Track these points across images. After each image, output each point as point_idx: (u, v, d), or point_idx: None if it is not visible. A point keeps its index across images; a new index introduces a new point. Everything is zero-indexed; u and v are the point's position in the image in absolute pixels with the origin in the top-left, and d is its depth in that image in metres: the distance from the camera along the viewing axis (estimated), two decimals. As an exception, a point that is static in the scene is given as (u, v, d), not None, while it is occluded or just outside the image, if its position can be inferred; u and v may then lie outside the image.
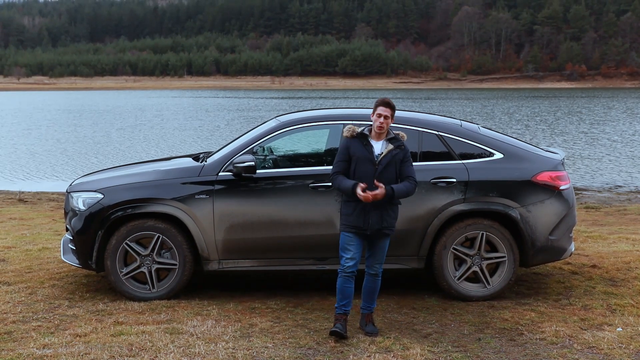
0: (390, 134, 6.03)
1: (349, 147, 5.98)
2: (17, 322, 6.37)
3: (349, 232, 5.96)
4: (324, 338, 5.98)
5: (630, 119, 43.55)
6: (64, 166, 23.36)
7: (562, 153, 7.68)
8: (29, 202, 15.08)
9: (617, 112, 50.20)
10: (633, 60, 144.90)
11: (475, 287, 7.08)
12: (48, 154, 26.51)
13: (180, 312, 6.63)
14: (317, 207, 6.88)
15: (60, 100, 78.71)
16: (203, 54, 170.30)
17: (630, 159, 24.08)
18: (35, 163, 24.03)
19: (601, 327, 6.25)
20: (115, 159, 24.49)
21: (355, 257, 5.97)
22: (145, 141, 31.03)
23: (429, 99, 78.26)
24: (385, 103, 5.95)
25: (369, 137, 5.99)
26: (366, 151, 5.93)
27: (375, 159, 5.92)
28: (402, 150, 5.99)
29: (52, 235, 10.52)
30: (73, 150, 27.77)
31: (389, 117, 5.94)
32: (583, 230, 10.94)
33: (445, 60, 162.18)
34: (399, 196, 5.95)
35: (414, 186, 6.01)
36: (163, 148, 27.82)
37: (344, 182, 5.92)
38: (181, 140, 31.27)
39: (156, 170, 7.35)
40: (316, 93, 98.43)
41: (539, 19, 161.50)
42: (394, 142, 5.99)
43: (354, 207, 5.92)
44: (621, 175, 20.66)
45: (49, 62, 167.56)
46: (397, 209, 6.06)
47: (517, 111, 51.97)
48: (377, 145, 5.99)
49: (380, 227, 5.93)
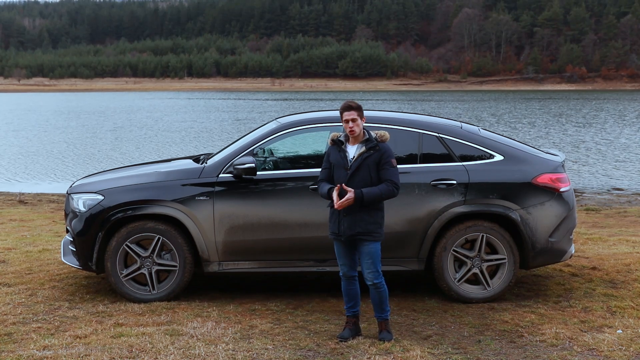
0: (366, 136, 5.91)
1: (329, 154, 6.01)
2: (17, 323, 6.37)
3: (333, 239, 6.00)
4: (324, 340, 5.97)
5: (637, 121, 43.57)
6: (54, 168, 23.36)
7: (562, 155, 7.68)
8: (29, 204, 15.08)
9: (620, 115, 50.21)
10: (633, 63, 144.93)
11: (476, 289, 7.08)
12: (34, 155, 26.49)
13: (180, 313, 6.63)
14: (317, 209, 6.87)
15: (53, 101, 78.65)
16: (203, 56, 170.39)
17: (630, 162, 24.08)
18: (26, 164, 24.04)
19: (601, 329, 6.25)
20: (101, 161, 24.47)
21: (347, 263, 5.96)
22: (128, 142, 31.19)
23: (424, 100, 78.31)
24: (348, 107, 5.87)
25: (345, 143, 5.96)
26: (340, 157, 5.91)
27: (347, 164, 5.87)
28: (378, 151, 5.82)
29: (52, 236, 10.52)
30: (58, 151, 27.75)
31: (357, 118, 5.84)
32: (583, 232, 10.94)
33: (445, 62, 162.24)
34: (370, 200, 5.73)
35: (392, 189, 5.79)
36: (149, 150, 27.91)
37: (322, 188, 5.94)
38: (168, 141, 31.44)
39: (156, 172, 7.34)
40: (316, 95, 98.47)
41: (539, 21, 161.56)
42: (367, 144, 5.85)
43: (331, 212, 5.94)
44: (621, 177, 20.66)
45: (50, 63, 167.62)
46: (378, 214, 5.85)
47: (507, 113, 51.95)
48: (352, 149, 5.92)
49: (352, 233, 5.81)
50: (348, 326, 6.06)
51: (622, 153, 26.46)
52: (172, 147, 28.50)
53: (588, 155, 25.77)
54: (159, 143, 30.65)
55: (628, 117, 46.89)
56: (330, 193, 5.82)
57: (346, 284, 6.01)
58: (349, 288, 6.02)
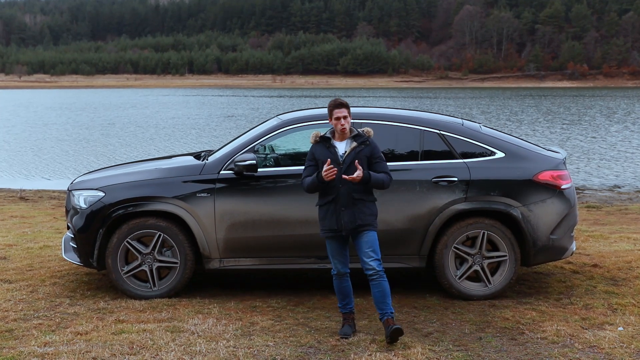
0: (354, 132, 6.00)
1: (314, 152, 6.01)
2: (18, 320, 6.37)
3: (327, 237, 5.98)
4: (325, 337, 5.98)
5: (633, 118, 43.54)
6: (53, 164, 23.38)
7: (563, 152, 7.66)
8: (30, 200, 15.09)
9: (623, 112, 50.16)
10: (635, 60, 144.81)
11: (477, 286, 7.07)
12: (31, 151, 26.51)
13: (181, 310, 6.64)
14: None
15: (49, 98, 78.60)
16: (204, 53, 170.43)
17: (632, 159, 24.06)
18: (26, 161, 24.05)
19: (602, 327, 6.24)
20: (99, 157, 24.50)
21: (341, 261, 5.98)
22: (121, 138, 31.27)
23: (419, 97, 78.27)
24: (339, 104, 5.95)
25: (331, 140, 6.00)
26: (330, 153, 5.93)
27: (339, 159, 5.91)
28: (368, 146, 5.94)
29: (53, 233, 10.53)
30: (50, 148, 27.80)
31: (347, 115, 5.94)
32: (584, 229, 10.93)
33: (446, 59, 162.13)
34: (376, 182, 5.87)
35: (389, 180, 5.98)
36: (135, 147, 27.98)
37: (307, 179, 5.95)
38: (155, 138, 31.56)
39: (157, 169, 7.34)
40: (317, 92, 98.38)
41: (541, 18, 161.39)
42: (357, 139, 5.95)
43: (325, 210, 5.93)
44: (623, 174, 20.64)
45: (51, 60, 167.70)
46: (374, 206, 5.97)
47: (500, 111, 51.94)
48: (341, 145, 5.98)
49: (354, 227, 5.86)
50: (347, 322, 6.07)
51: (623, 150, 26.42)
52: (161, 144, 28.54)
53: (589, 152, 25.74)
54: (146, 139, 30.73)
55: (634, 115, 46.81)
56: (319, 177, 5.82)
57: (340, 281, 6.03)
58: (342, 286, 6.04)
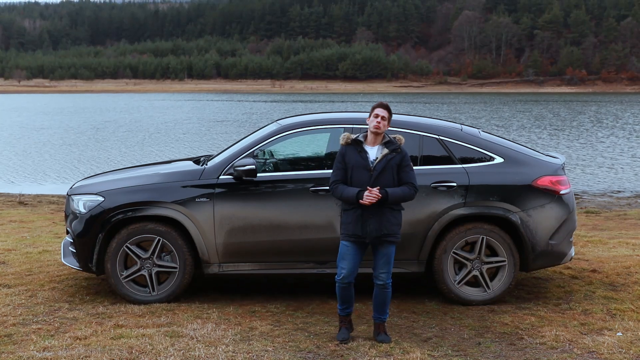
0: (386, 138, 5.97)
1: (344, 154, 5.96)
2: (17, 324, 6.37)
3: (347, 241, 5.93)
4: (324, 341, 5.97)
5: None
6: (50, 169, 23.38)
7: (562, 157, 7.68)
8: (29, 205, 15.09)
9: (623, 118, 50.23)
10: (633, 65, 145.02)
11: (476, 291, 7.08)
12: (32, 156, 26.53)
13: (180, 315, 6.63)
14: (317, 211, 6.88)
15: (48, 102, 78.59)
16: (204, 57, 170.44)
17: (630, 165, 24.08)
18: (26, 165, 24.05)
19: (601, 332, 6.25)
20: (99, 162, 24.50)
21: (351, 268, 5.91)
22: (117, 143, 31.32)
23: (412, 102, 78.31)
24: (383, 105, 5.94)
25: (363, 144, 5.97)
26: (360, 158, 5.89)
27: (370, 165, 5.88)
28: (399, 153, 5.91)
29: (52, 237, 10.52)
30: (48, 152, 27.81)
31: (386, 118, 5.90)
32: (583, 234, 10.94)
33: (445, 65, 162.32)
34: (394, 200, 5.83)
35: (413, 192, 5.92)
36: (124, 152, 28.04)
37: (346, 191, 5.85)
38: (142, 142, 31.58)
39: (157, 174, 7.34)
40: (315, 97, 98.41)
41: (540, 24, 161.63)
42: (389, 146, 5.91)
43: (352, 214, 5.88)
44: (622, 180, 20.66)
45: (50, 64, 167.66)
46: (400, 215, 5.96)
47: (494, 115, 51.98)
48: (372, 150, 5.94)
49: (379, 235, 5.85)
50: (344, 325, 6.07)
51: (622, 156, 26.45)
52: (150, 148, 28.62)
53: (588, 157, 25.77)
54: (137, 144, 30.81)
55: (632, 121, 46.88)
56: (359, 196, 5.77)
57: (343, 289, 5.98)
58: (346, 293, 6.00)
